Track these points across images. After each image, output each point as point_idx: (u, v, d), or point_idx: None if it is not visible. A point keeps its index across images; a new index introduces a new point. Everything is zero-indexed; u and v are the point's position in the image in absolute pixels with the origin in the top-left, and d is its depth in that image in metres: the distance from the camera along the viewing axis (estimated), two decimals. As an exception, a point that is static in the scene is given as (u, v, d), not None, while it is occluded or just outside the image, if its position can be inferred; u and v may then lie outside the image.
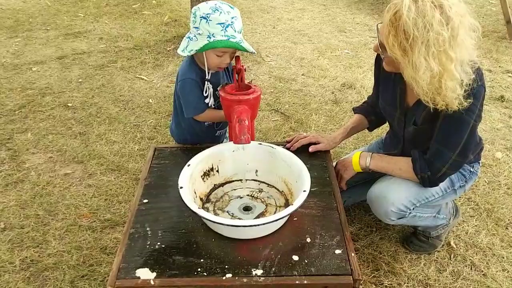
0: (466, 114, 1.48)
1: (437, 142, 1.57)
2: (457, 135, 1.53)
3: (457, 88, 1.38)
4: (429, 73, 1.35)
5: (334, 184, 1.65)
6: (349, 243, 1.38)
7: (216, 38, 1.57)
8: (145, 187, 1.63)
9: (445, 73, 1.36)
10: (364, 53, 4.02)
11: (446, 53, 1.33)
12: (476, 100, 1.47)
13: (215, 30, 1.57)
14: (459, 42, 1.34)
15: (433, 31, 1.30)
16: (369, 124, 1.98)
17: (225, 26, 1.56)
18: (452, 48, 1.34)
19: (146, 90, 3.38)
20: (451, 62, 1.35)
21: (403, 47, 1.36)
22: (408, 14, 1.31)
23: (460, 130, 1.52)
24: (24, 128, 2.87)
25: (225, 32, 1.57)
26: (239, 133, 1.51)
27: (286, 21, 4.85)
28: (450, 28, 1.31)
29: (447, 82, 1.37)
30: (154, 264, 1.30)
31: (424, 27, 1.31)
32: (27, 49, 4.11)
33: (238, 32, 1.60)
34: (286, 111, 3.09)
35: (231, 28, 1.57)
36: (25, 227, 2.09)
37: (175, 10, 5.07)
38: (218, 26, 1.56)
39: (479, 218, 2.13)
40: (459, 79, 1.37)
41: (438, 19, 1.30)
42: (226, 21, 1.56)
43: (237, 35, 1.59)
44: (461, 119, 1.49)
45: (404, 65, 1.40)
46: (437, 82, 1.38)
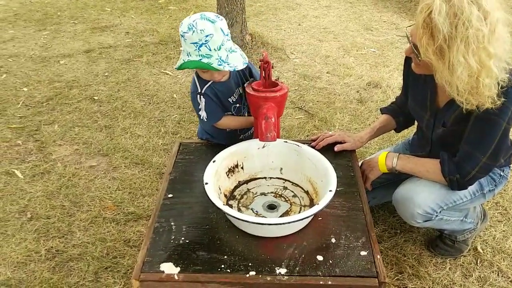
0: (498, 116, 1.44)
1: (467, 144, 1.53)
2: (489, 138, 1.48)
3: (492, 86, 1.34)
4: (466, 73, 1.31)
5: (360, 184, 1.62)
6: (374, 245, 1.36)
7: (191, 58, 1.55)
8: (170, 181, 1.63)
9: (483, 70, 1.31)
10: (391, 52, 3.96)
11: (485, 50, 1.29)
12: (509, 102, 1.42)
13: (190, 50, 1.55)
14: (497, 36, 1.30)
15: (473, 27, 1.26)
16: (396, 125, 1.94)
17: (198, 46, 1.52)
18: (491, 44, 1.30)
19: (170, 85, 3.40)
20: (490, 58, 1.31)
21: (439, 48, 1.32)
22: (444, 13, 1.27)
23: (492, 132, 1.47)
24: (52, 120, 2.92)
25: (199, 52, 1.53)
26: (265, 131, 1.50)
27: (311, 18, 4.81)
28: (488, 23, 1.27)
29: (485, 80, 1.33)
30: (178, 259, 1.31)
31: (463, 25, 1.26)
32: (55, 42, 4.18)
33: (215, 49, 1.53)
34: (310, 109, 3.07)
35: (205, 47, 1.52)
36: (51, 218, 2.12)
37: (201, 5, 5.09)
38: (192, 46, 1.53)
39: (507, 223, 2.07)
40: (497, 76, 1.33)
41: (476, 15, 1.26)
42: (200, 40, 1.51)
43: (213, 53, 1.53)
44: (493, 121, 1.45)
45: (439, 68, 1.36)
46: (474, 81, 1.33)
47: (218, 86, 1.74)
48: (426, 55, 1.36)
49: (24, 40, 4.25)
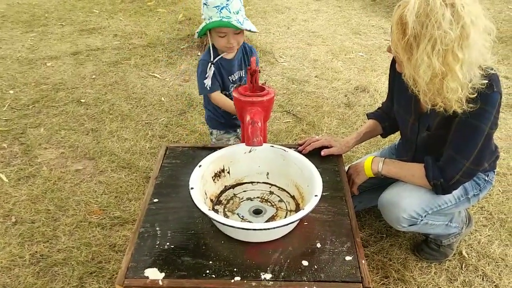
0: (480, 121, 1.46)
1: (450, 149, 1.54)
2: (471, 143, 1.50)
3: (459, 90, 1.37)
4: (430, 72, 1.34)
5: (345, 189, 1.63)
6: (359, 250, 1.36)
7: (212, 19, 1.78)
8: (155, 186, 1.62)
9: (449, 74, 1.35)
10: (379, 57, 3.99)
11: (453, 53, 1.32)
12: (490, 107, 1.45)
13: (212, 13, 1.78)
14: (470, 42, 1.32)
15: (441, 29, 1.29)
16: (383, 130, 1.95)
17: (220, 8, 1.75)
18: (461, 49, 1.32)
19: (158, 88, 3.38)
20: (457, 62, 1.33)
21: (408, 45, 1.36)
22: (417, 11, 1.31)
23: (474, 137, 1.49)
24: (37, 123, 2.89)
25: (220, 14, 1.76)
26: (252, 135, 1.50)
27: (300, 22, 4.83)
28: (460, 27, 1.30)
29: (450, 83, 1.36)
30: (163, 265, 1.30)
31: (432, 25, 1.29)
32: (42, 44, 4.14)
33: (234, 13, 1.77)
34: (298, 113, 3.07)
35: (226, 9, 1.76)
36: (35, 222, 2.10)
37: (190, 8, 5.08)
38: (214, 9, 1.77)
39: (492, 227, 2.09)
40: (462, 81, 1.36)
41: (448, 18, 1.29)
42: (221, 4, 1.76)
43: (232, 16, 1.77)
44: (475, 126, 1.46)
45: (405, 63, 1.40)
46: (438, 82, 1.37)
47: (223, 62, 1.96)
48: (396, 50, 1.41)
49: (11, 42, 4.21)
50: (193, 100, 3.20)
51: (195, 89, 3.34)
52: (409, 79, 1.44)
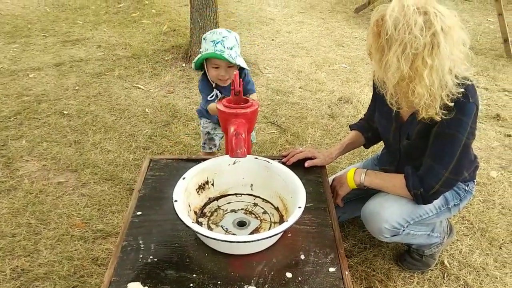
0: (457, 131, 1.49)
1: (429, 159, 1.57)
2: (449, 152, 1.53)
3: (426, 95, 1.41)
4: (397, 75, 1.39)
5: (329, 200, 1.64)
6: (343, 261, 1.37)
7: (207, 51, 1.90)
8: (139, 198, 1.62)
9: (416, 78, 1.39)
10: (362, 68, 4.04)
11: (422, 59, 1.37)
12: (467, 117, 1.48)
13: (208, 46, 1.92)
14: (441, 50, 1.36)
15: (412, 34, 1.34)
16: (365, 141, 1.98)
17: (216, 43, 1.90)
18: (430, 55, 1.36)
19: (142, 99, 3.37)
20: (425, 68, 1.37)
21: (381, 46, 1.41)
22: (391, 15, 1.36)
23: (452, 147, 1.52)
24: (19, 135, 2.86)
25: (215, 47, 1.89)
26: (236, 147, 1.51)
27: (284, 33, 4.88)
28: (431, 34, 1.34)
29: (416, 88, 1.40)
30: (146, 278, 1.29)
31: (404, 30, 1.34)
32: (25, 55, 4.10)
33: (228, 48, 1.90)
34: (283, 124, 3.09)
35: (221, 44, 1.89)
36: (16, 236, 2.06)
37: (174, 19, 5.09)
38: (210, 43, 1.91)
39: (473, 237, 2.12)
40: (428, 87, 1.40)
41: (419, 24, 1.34)
42: (217, 39, 1.90)
43: (225, 50, 1.89)
44: (452, 136, 1.50)
45: (376, 64, 1.45)
46: (405, 86, 1.42)
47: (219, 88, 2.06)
48: (370, 50, 1.47)
49: (-7, 52, 4.16)
50: (177, 111, 3.19)
51: (180, 101, 3.35)
52: (378, 80, 1.50)
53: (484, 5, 5.72)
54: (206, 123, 2.27)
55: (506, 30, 4.22)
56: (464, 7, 5.69)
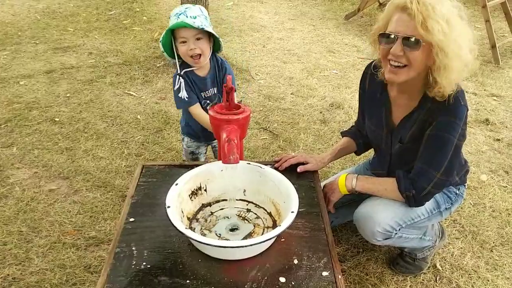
0: (450, 133, 1.52)
1: (421, 161, 1.59)
2: (442, 154, 1.55)
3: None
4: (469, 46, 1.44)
5: (321, 205, 1.65)
6: (336, 265, 1.37)
7: (171, 23, 1.86)
8: (131, 205, 1.61)
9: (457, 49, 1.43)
10: (352, 74, 4.07)
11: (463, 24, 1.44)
12: (458, 119, 1.51)
13: (172, 20, 1.87)
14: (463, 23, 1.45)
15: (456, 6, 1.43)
16: (357, 147, 1.99)
17: (178, 14, 1.85)
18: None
19: (134, 106, 3.37)
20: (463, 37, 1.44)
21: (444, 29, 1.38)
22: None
23: (444, 149, 1.54)
24: (10, 143, 2.84)
25: (177, 19, 1.83)
26: (228, 153, 1.51)
27: (276, 40, 4.90)
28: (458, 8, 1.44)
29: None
30: (139, 285, 1.28)
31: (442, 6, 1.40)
32: (15, 63, 4.08)
33: (191, 17, 1.83)
34: (275, 129, 3.10)
35: (183, 15, 1.84)
36: (7, 244, 2.05)
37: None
38: (174, 17, 1.86)
39: (465, 240, 2.14)
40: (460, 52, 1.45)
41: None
42: (179, 11, 1.85)
43: (188, 20, 1.82)
44: (445, 138, 1.52)
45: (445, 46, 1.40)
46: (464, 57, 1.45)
47: (194, 77, 1.97)
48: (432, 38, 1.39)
49: (-18, 60, 4.14)
50: (170, 118, 3.19)
51: (172, 107, 3.34)
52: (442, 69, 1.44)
53: (471, 11, 5.79)
54: (190, 141, 2.19)
55: (493, 36, 4.28)
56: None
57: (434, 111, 1.53)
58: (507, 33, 4.86)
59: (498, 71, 4.17)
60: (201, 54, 1.90)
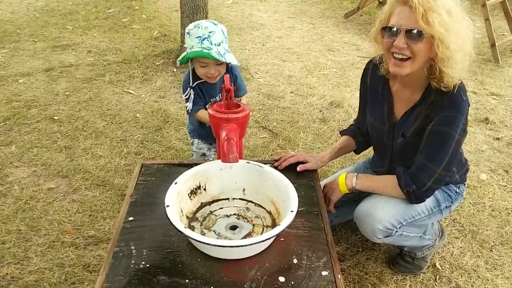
0: (452, 128, 1.52)
1: (422, 156, 1.59)
2: (443, 149, 1.55)
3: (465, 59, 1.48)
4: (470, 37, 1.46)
5: (321, 204, 1.64)
6: (335, 264, 1.37)
7: (193, 50, 1.79)
8: (130, 204, 1.61)
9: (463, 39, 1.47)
10: (352, 72, 4.07)
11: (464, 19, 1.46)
12: (460, 114, 1.52)
13: (194, 43, 1.79)
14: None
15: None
16: (356, 145, 1.99)
17: (202, 39, 1.77)
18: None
19: (133, 104, 3.36)
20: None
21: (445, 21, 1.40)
22: None
23: (445, 144, 1.55)
24: (9, 141, 2.83)
25: (201, 44, 1.77)
26: (227, 152, 1.50)
27: (275, 38, 4.89)
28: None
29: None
30: (138, 284, 1.28)
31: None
32: (14, 61, 4.07)
33: (215, 44, 1.78)
34: (274, 128, 3.10)
35: (207, 41, 1.77)
36: (6, 243, 2.04)
37: (165, 25, 5.09)
38: (196, 39, 1.78)
39: (464, 239, 2.14)
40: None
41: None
42: (203, 35, 1.77)
43: (213, 47, 1.77)
44: (446, 133, 1.52)
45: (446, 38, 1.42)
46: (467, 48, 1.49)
47: (206, 86, 1.97)
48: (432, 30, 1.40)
49: (-19, 58, 4.13)
50: (169, 116, 3.19)
51: (171, 105, 3.34)
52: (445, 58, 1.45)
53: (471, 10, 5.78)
54: (201, 143, 2.17)
55: (493, 35, 4.27)
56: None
57: (436, 106, 1.53)
58: (507, 32, 4.85)
59: (497, 70, 4.17)
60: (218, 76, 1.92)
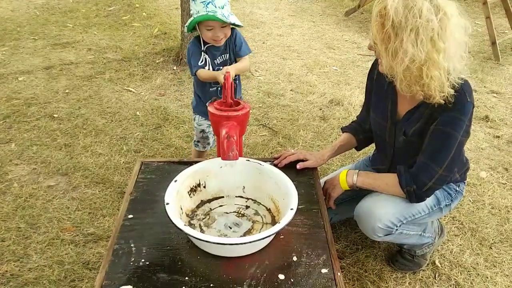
0: (455, 130, 1.52)
1: (424, 157, 1.59)
2: (445, 150, 1.55)
3: (444, 79, 1.43)
4: (407, 60, 1.39)
5: (321, 202, 1.64)
6: (335, 262, 1.37)
7: (199, 14, 1.88)
8: (130, 202, 1.61)
9: (429, 62, 1.40)
10: (352, 70, 4.06)
11: (433, 42, 1.38)
12: (464, 116, 1.51)
13: (199, 8, 1.89)
14: (448, 34, 1.38)
15: (423, 18, 1.35)
16: (357, 143, 1.99)
17: (206, 4, 1.87)
18: (441, 38, 1.38)
19: (133, 102, 3.36)
20: (437, 52, 1.39)
21: (387, 35, 1.41)
22: (396, 4, 1.37)
23: (448, 145, 1.54)
24: (8, 139, 2.83)
25: (206, 8, 1.87)
26: (227, 150, 1.51)
27: (275, 36, 4.89)
28: (439, 18, 1.36)
29: (430, 71, 1.41)
30: (138, 282, 1.28)
31: (414, 15, 1.36)
32: (14, 59, 4.07)
33: (219, 7, 1.88)
34: (274, 126, 3.10)
35: (212, 4, 1.87)
36: (5, 240, 2.04)
37: (165, 23, 5.08)
38: (201, 4, 1.88)
39: (464, 237, 2.14)
40: (446, 69, 1.42)
41: (427, 7, 1.36)
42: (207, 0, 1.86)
43: (217, 10, 1.87)
44: (449, 134, 1.52)
45: (383, 53, 1.45)
46: (417, 70, 1.42)
47: (212, 50, 2.05)
48: (375, 41, 1.47)
49: (-19, 56, 4.12)
50: (169, 114, 3.18)
51: (171, 103, 3.34)
52: (386, 69, 1.49)
53: (472, 8, 5.78)
54: (201, 120, 2.22)
55: (493, 33, 4.27)
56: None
57: (440, 106, 1.52)
58: (508, 30, 4.85)
59: (498, 67, 4.16)
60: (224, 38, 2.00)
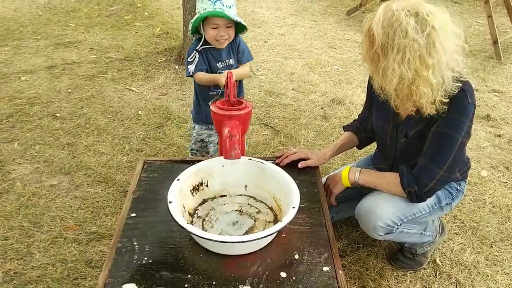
0: (456, 131, 1.52)
1: (425, 158, 1.60)
2: (446, 152, 1.55)
3: (430, 94, 1.43)
4: (396, 80, 1.40)
5: (322, 200, 1.65)
6: (337, 260, 1.38)
7: (206, 10, 1.86)
8: (133, 200, 1.62)
9: (418, 79, 1.41)
10: (354, 70, 4.07)
11: (422, 59, 1.38)
12: (465, 117, 1.52)
13: (206, 5, 1.87)
14: (437, 48, 1.38)
15: (408, 37, 1.35)
16: (359, 142, 2.00)
17: (214, 1, 1.86)
18: (430, 54, 1.38)
19: (135, 101, 3.37)
20: (426, 68, 1.39)
21: (376, 55, 1.42)
22: (382, 23, 1.37)
23: (449, 146, 1.55)
24: (11, 138, 2.84)
25: (214, 6, 1.85)
26: (230, 148, 1.51)
27: (277, 36, 4.90)
28: (426, 34, 1.36)
29: (420, 88, 1.42)
30: (141, 280, 1.29)
31: (399, 35, 1.35)
32: (17, 58, 4.08)
33: (226, 6, 1.87)
34: (276, 125, 3.10)
35: (219, 2, 1.86)
36: (9, 239, 2.05)
37: (167, 22, 5.09)
38: (209, 2, 1.86)
39: (464, 236, 2.15)
40: (434, 86, 1.42)
41: (413, 26, 1.35)
42: None
43: (224, 8, 1.86)
44: (450, 136, 1.53)
45: (372, 73, 1.48)
46: (407, 88, 1.43)
47: (212, 52, 2.02)
48: (364, 60, 1.49)
49: (-16, 55, 4.14)
50: (171, 113, 3.19)
51: (173, 103, 3.35)
52: (378, 88, 1.52)
53: (473, 7, 5.79)
54: (202, 129, 2.20)
55: (495, 32, 4.27)
56: (454, 10, 5.74)
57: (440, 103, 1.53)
58: (509, 29, 4.85)
59: (499, 66, 4.16)
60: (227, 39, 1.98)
